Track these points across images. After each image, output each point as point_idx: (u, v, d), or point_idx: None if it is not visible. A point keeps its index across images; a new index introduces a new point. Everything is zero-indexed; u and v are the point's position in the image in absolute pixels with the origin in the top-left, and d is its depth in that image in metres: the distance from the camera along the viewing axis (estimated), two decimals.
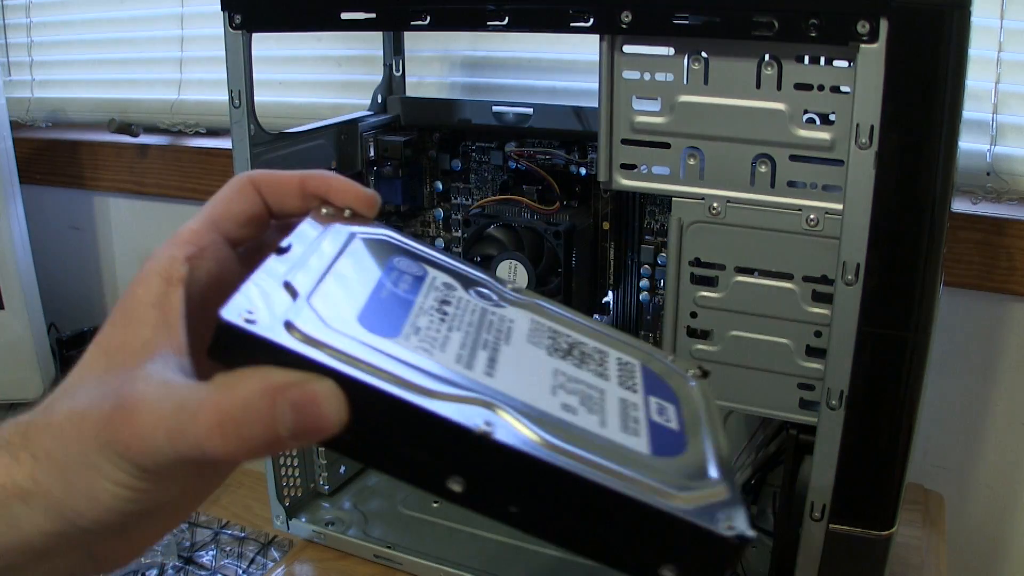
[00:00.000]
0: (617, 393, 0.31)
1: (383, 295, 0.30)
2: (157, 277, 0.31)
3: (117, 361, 0.30)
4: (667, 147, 0.48)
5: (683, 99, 0.47)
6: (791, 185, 0.46)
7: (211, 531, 0.87)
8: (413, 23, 0.51)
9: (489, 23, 0.49)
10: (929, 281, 0.42)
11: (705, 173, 0.48)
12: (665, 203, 0.63)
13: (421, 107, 0.76)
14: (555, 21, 0.47)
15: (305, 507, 0.71)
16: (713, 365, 0.50)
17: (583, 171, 0.68)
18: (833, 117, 0.44)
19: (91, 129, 1.20)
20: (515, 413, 0.26)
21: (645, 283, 0.68)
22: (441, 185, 0.75)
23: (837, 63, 0.43)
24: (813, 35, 0.41)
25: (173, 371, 0.28)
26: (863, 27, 0.40)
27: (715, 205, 0.48)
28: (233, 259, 0.34)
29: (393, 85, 0.79)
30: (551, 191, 0.69)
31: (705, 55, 0.46)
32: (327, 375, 0.25)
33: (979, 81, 0.75)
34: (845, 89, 0.43)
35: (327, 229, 0.32)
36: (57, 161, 1.19)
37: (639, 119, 0.48)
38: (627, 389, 0.32)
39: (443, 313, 0.31)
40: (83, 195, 1.20)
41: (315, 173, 0.35)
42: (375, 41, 0.80)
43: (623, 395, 0.31)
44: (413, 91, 0.80)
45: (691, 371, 0.34)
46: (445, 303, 0.32)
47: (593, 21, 0.46)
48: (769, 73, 0.44)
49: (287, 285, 0.28)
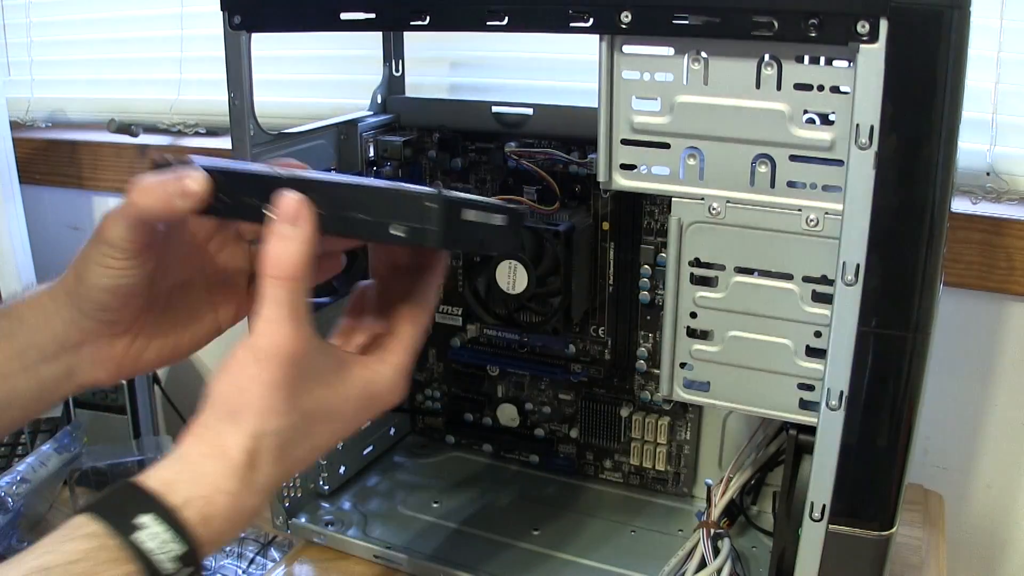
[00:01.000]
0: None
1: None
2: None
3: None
4: (667, 147, 0.48)
5: (683, 99, 0.47)
6: (791, 185, 0.46)
7: None
8: (413, 23, 0.51)
9: (489, 23, 0.49)
10: (929, 281, 0.42)
11: (705, 173, 0.48)
12: (665, 203, 0.63)
13: (421, 107, 0.76)
14: (555, 21, 0.47)
15: (305, 507, 0.71)
16: (713, 365, 0.50)
17: (583, 171, 0.68)
18: (833, 117, 0.44)
19: (91, 129, 1.20)
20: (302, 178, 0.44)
21: (645, 283, 0.68)
22: (441, 185, 0.75)
23: (837, 63, 0.43)
24: (813, 35, 0.41)
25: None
26: (863, 27, 0.40)
27: (715, 205, 0.48)
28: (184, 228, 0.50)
29: (393, 85, 0.79)
30: (551, 191, 0.69)
31: (705, 55, 0.46)
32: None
33: (979, 81, 0.75)
34: (845, 89, 0.43)
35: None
36: (57, 161, 1.19)
37: (639, 119, 0.48)
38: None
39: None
40: (83, 195, 1.20)
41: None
42: (375, 41, 0.80)
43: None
44: (413, 91, 0.80)
45: None
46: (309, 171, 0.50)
47: (593, 21, 0.46)
48: (769, 73, 0.44)
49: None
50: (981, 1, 0.43)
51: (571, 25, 0.47)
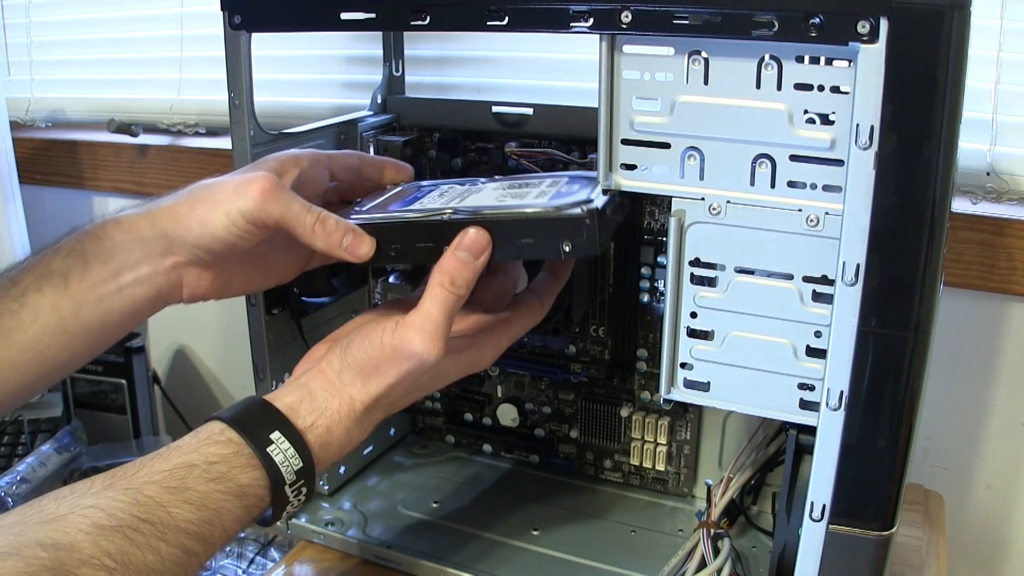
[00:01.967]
0: (539, 190, 0.53)
1: (407, 197, 0.57)
2: (290, 156, 0.56)
3: (245, 171, 0.54)
4: (667, 147, 0.48)
5: (683, 99, 0.47)
6: (791, 185, 0.46)
7: None
8: (413, 23, 0.51)
9: (489, 23, 0.49)
10: (929, 281, 0.42)
11: (705, 173, 0.48)
12: (665, 203, 0.63)
13: (421, 107, 0.76)
14: (555, 21, 0.47)
15: (305, 507, 0.71)
16: (713, 366, 0.50)
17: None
18: (833, 117, 0.44)
19: (91, 129, 1.20)
20: (464, 211, 0.51)
21: (645, 283, 0.68)
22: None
23: (837, 63, 0.43)
24: (813, 35, 0.41)
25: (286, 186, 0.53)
26: (863, 27, 0.40)
27: (715, 205, 0.48)
28: (326, 179, 0.59)
29: (393, 85, 0.79)
30: None
31: (705, 55, 0.46)
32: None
33: (979, 81, 0.75)
34: (845, 89, 0.43)
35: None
36: (57, 161, 1.19)
37: (639, 119, 0.48)
38: (550, 187, 0.53)
39: (440, 193, 0.57)
40: (83, 195, 1.20)
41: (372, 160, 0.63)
42: (375, 41, 0.80)
43: (543, 189, 0.53)
44: (413, 91, 0.80)
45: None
46: (441, 193, 0.57)
47: (593, 21, 0.46)
48: (769, 73, 0.44)
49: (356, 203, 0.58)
50: (981, 1, 0.43)
51: (571, 25, 0.47)
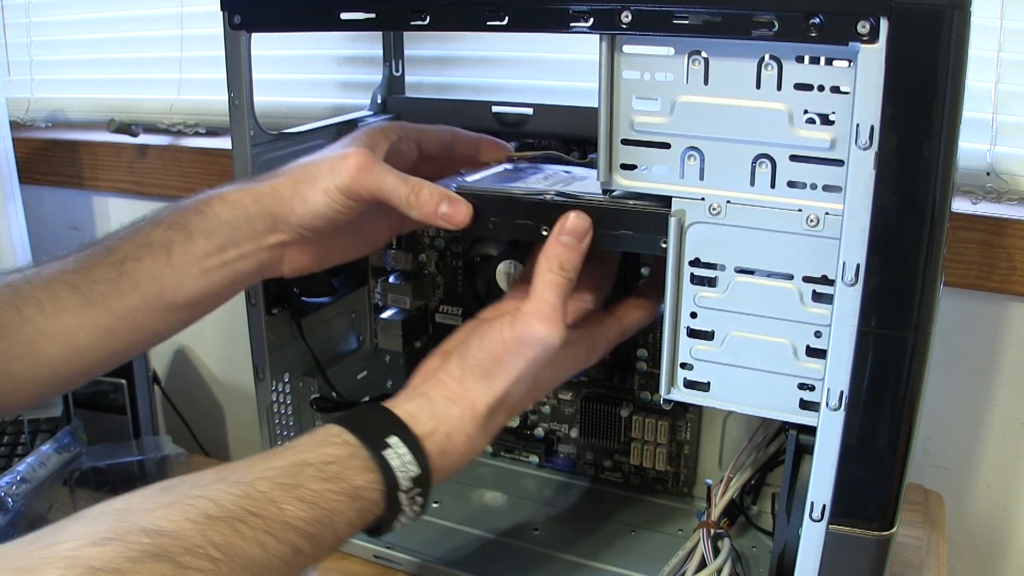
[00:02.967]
0: None
1: (510, 175, 0.59)
2: (380, 130, 0.59)
3: (338, 147, 0.56)
4: (667, 147, 0.48)
5: (683, 99, 0.47)
6: (791, 185, 0.46)
7: None
8: (413, 23, 0.51)
9: (489, 23, 0.49)
10: (929, 281, 0.42)
11: (705, 173, 0.48)
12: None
13: (421, 107, 0.76)
14: (555, 21, 0.47)
15: None
16: (713, 366, 0.50)
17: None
18: (833, 117, 0.44)
19: (91, 129, 1.20)
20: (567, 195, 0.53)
21: None
22: None
23: (837, 63, 0.43)
24: (813, 35, 0.41)
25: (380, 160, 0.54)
26: (863, 27, 0.40)
27: (715, 205, 0.48)
28: (415, 153, 0.61)
29: (393, 85, 0.79)
30: None
31: (705, 55, 0.46)
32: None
33: (979, 81, 0.75)
34: (845, 89, 0.43)
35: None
36: (57, 161, 1.19)
37: (639, 119, 0.48)
38: None
39: (545, 176, 0.59)
40: (83, 195, 1.20)
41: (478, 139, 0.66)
42: (375, 41, 0.80)
43: None
44: (413, 91, 0.80)
45: None
46: (546, 176, 0.59)
47: (593, 21, 0.46)
48: (769, 73, 0.44)
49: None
50: (981, 1, 0.43)
51: (571, 25, 0.47)
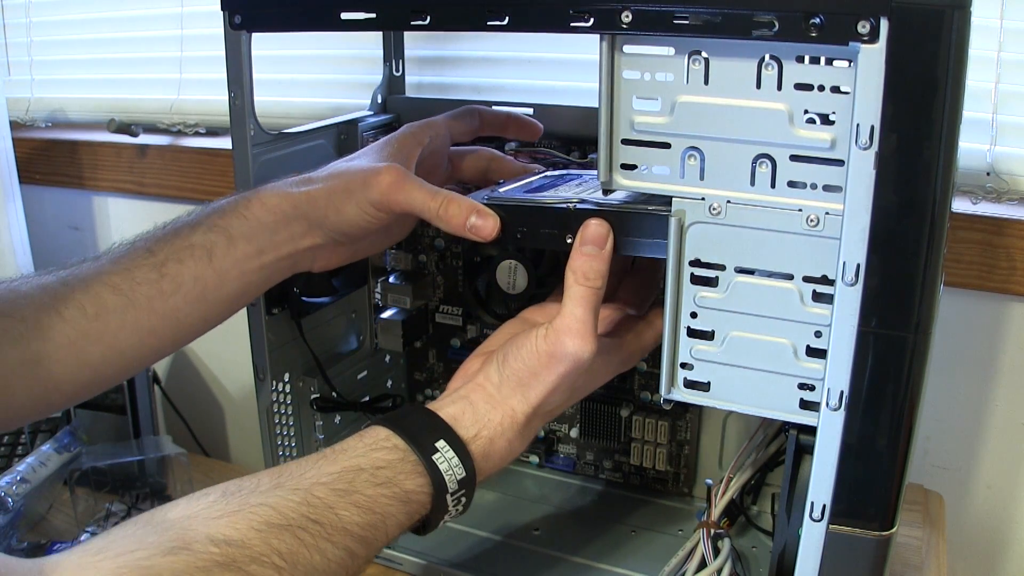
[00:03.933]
0: None
1: (546, 183, 0.60)
2: (410, 135, 0.60)
3: (373, 156, 0.58)
4: (667, 147, 0.48)
5: (683, 99, 0.47)
6: (791, 185, 0.46)
7: None
8: (413, 23, 0.51)
9: (489, 23, 0.49)
10: (929, 281, 0.42)
11: (705, 173, 0.48)
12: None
13: (421, 107, 0.76)
14: (555, 21, 0.47)
15: None
16: (714, 366, 0.50)
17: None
18: (833, 117, 0.44)
19: (91, 129, 1.20)
20: (591, 202, 0.53)
21: None
22: None
23: (837, 63, 0.43)
24: (813, 35, 0.41)
25: (410, 171, 0.57)
26: (864, 27, 0.40)
27: (715, 205, 0.48)
28: (446, 147, 0.64)
29: (393, 85, 0.79)
30: None
31: (705, 55, 0.46)
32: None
33: (979, 81, 0.75)
34: (845, 89, 0.43)
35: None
36: (57, 161, 1.19)
37: (639, 119, 0.48)
38: None
39: (579, 183, 0.59)
40: (83, 195, 1.20)
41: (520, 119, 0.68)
42: (375, 41, 0.80)
43: None
44: (413, 91, 0.80)
45: None
46: (579, 183, 0.59)
47: (593, 21, 0.46)
48: (769, 73, 0.44)
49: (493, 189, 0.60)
50: (981, 1, 0.43)
51: (571, 25, 0.47)
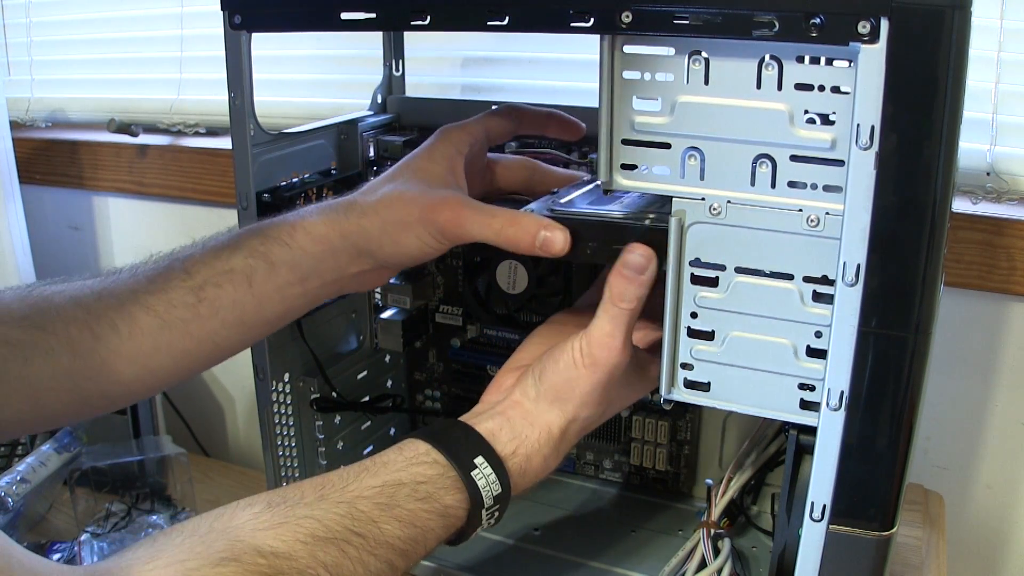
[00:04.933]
0: None
1: (594, 197, 0.57)
2: (451, 145, 0.57)
3: (422, 177, 0.55)
4: (667, 147, 0.48)
5: (683, 99, 0.47)
6: (792, 185, 0.46)
7: None
8: (413, 23, 0.51)
9: (489, 23, 0.49)
10: (929, 281, 0.42)
11: (705, 173, 0.48)
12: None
13: (421, 107, 0.76)
14: (555, 21, 0.47)
15: None
16: (714, 366, 0.50)
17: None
18: (834, 117, 0.44)
19: (91, 129, 1.20)
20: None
21: None
22: None
23: (838, 63, 0.43)
24: (814, 35, 0.41)
25: (466, 196, 0.55)
26: (864, 27, 0.40)
27: (715, 205, 0.48)
28: (484, 151, 0.61)
29: (393, 85, 0.79)
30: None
31: (705, 55, 0.46)
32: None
33: (979, 81, 0.75)
34: (846, 89, 0.43)
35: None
36: (57, 161, 1.19)
37: (639, 119, 0.48)
38: None
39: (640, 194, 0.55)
40: (82, 195, 1.20)
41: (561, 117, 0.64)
42: (375, 41, 0.80)
43: None
44: (413, 91, 0.80)
45: None
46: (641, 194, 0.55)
47: (593, 21, 0.46)
48: (770, 73, 0.44)
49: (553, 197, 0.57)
50: (981, 1, 0.43)
51: (571, 25, 0.46)
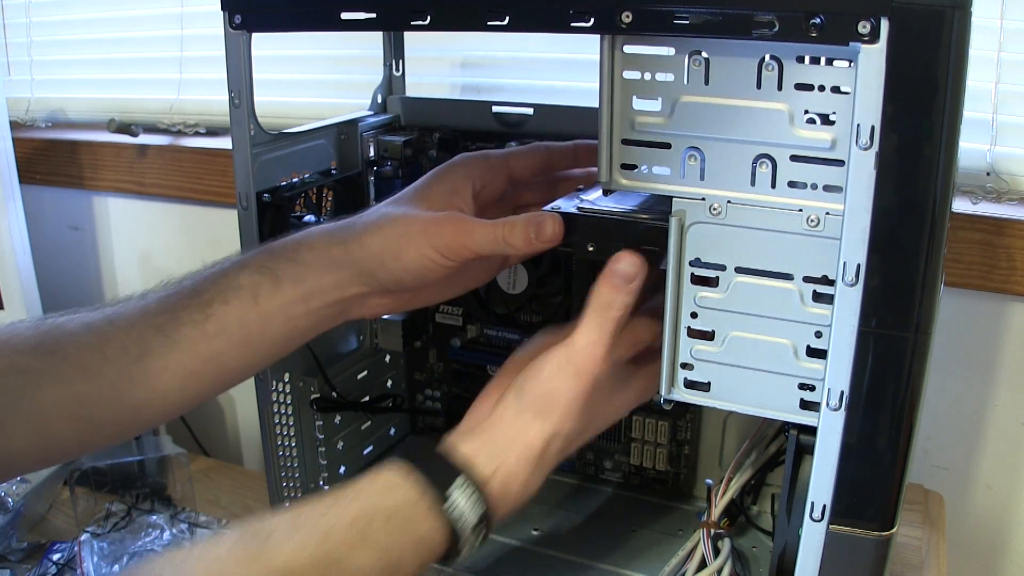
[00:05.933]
0: None
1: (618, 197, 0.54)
2: (461, 169, 0.57)
3: (425, 197, 0.55)
4: (668, 147, 0.48)
5: (684, 99, 0.47)
6: (792, 185, 0.46)
7: (211, 532, 0.87)
8: (413, 23, 0.51)
9: (489, 23, 0.49)
10: (929, 281, 0.42)
11: (705, 173, 0.48)
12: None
13: (421, 107, 0.76)
14: (555, 21, 0.47)
15: None
16: (714, 366, 0.50)
17: None
18: (834, 117, 0.44)
19: (91, 129, 1.20)
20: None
21: None
22: None
23: (838, 63, 0.43)
24: (814, 35, 0.41)
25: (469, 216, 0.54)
26: (864, 27, 0.40)
27: (716, 205, 0.48)
28: (503, 183, 0.59)
29: (393, 85, 0.79)
30: None
31: (706, 55, 0.46)
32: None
33: (979, 81, 0.75)
34: (846, 89, 0.43)
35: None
36: (57, 161, 1.19)
37: (639, 119, 0.48)
38: None
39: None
40: (82, 195, 1.20)
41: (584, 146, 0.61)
42: (375, 41, 0.80)
43: None
44: (413, 91, 0.80)
45: None
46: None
47: (593, 21, 0.46)
48: (770, 73, 0.44)
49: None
50: (981, 1, 0.43)
51: (571, 25, 0.46)
